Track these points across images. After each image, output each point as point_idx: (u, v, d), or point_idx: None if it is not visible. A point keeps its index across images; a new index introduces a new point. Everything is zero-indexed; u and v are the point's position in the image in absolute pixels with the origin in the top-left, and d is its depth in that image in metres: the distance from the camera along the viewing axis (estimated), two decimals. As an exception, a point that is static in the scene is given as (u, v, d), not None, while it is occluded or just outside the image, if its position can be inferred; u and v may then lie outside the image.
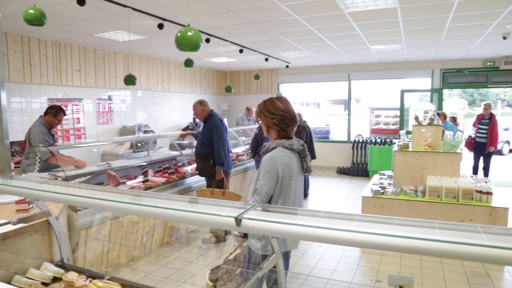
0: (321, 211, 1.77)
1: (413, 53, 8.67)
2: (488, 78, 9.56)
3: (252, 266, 2.29)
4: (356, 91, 16.54)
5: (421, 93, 11.14)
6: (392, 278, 1.61)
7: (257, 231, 1.68)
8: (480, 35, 6.63)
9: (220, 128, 5.06)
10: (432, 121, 5.22)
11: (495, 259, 1.48)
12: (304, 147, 2.48)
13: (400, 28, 6.11)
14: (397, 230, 1.58)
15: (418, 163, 5.12)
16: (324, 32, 6.42)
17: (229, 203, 1.76)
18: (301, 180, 2.56)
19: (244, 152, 7.53)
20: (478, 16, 5.41)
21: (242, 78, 12.24)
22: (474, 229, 1.60)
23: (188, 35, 3.95)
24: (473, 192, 4.58)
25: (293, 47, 7.86)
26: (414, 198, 4.82)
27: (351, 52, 8.50)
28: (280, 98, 2.49)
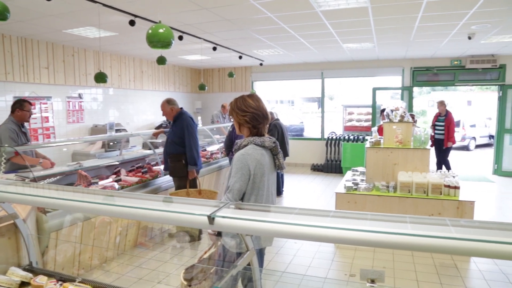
0: (296, 208, 1.78)
1: (384, 51, 8.86)
2: (455, 77, 9.89)
3: (226, 264, 2.29)
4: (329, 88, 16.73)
5: (392, 90, 11.39)
6: (364, 272, 1.64)
7: (231, 229, 1.68)
8: (447, 35, 6.83)
9: (192, 126, 4.97)
10: (403, 118, 5.35)
11: (463, 251, 1.53)
12: (276, 144, 2.50)
13: (372, 27, 6.23)
14: (370, 226, 1.61)
15: (389, 159, 5.24)
16: (298, 30, 6.46)
17: (202, 202, 1.75)
18: (273, 177, 2.58)
19: (218, 150, 7.50)
20: (445, 17, 5.58)
21: (216, 76, 12.18)
22: (443, 223, 1.65)
23: (160, 32, 3.89)
24: (441, 186, 4.73)
25: (267, 45, 7.88)
26: (386, 194, 4.94)
27: (324, 50, 8.60)
28: (252, 96, 2.49)
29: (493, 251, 1.47)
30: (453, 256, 4.51)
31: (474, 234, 1.52)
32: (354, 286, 1.67)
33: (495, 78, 9.66)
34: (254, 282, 1.96)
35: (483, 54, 9.33)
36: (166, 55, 7.07)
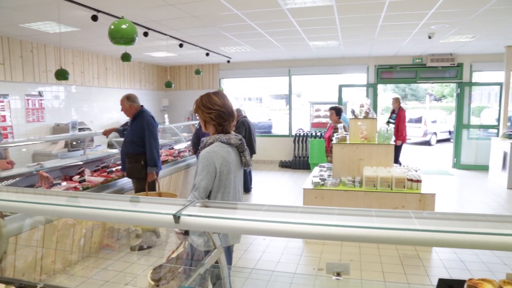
0: (265, 205, 1.79)
1: (350, 49, 9.04)
2: (417, 74, 10.23)
3: (195, 263, 2.27)
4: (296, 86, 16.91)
5: (358, 88, 11.65)
6: (330, 266, 1.67)
7: (197, 228, 1.67)
8: (409, 34, 7.06)
9: (152, 125, 4.74)
10: (367, 115, 5.48)
11: (426, 242, 1.59)
12: (242, 142, 2.50)
13: (337, 26, 6.34)
14: (338, 220, 1.63)
15: (355, 155, 5.36)
16: (264, 27, 6.48)
17: (168, 201, 1.72)
18: (240, 174, 2.58)
19: (186, 148, 7.42)
20: (406, 16, 5.76)
21: (183, 73, 12.03)
22: (407, 215, 1.69)
23: (122, 28, 3.80)
24: (404, 180, 4.88)
25: (234, 42, 7.86)
26: (352, 188, 5.05)
27: (291, 47, 8.67)
28: (217, 93, 2.48)
29: (453, 241, 1.53)
30: (416, 247, 4.68)
31: (436, 226, 1.58)
32: (321, 280, 1.70)
33: (454, 76, 10.09)
34: (223, 279, 1.95)
35: (442, 53, 9.71)
36: (131, 51, 6.90)
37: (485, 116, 13.99)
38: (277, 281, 2.95)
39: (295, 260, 4.42)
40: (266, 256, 4.53)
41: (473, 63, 9.93)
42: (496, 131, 9.74)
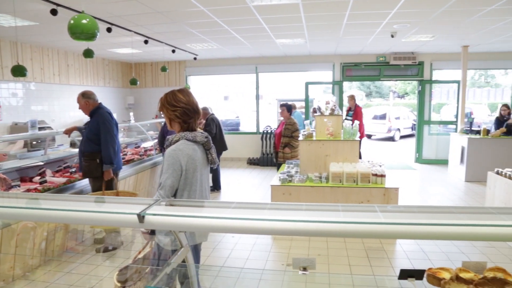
0: (233, 202, 1.78)
1: (316, 47, 9.15)
2: (380, 72, 10.52)
3: (162, 263, 2.23)
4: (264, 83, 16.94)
5: (324, 85, 11.84)
6: (296, 261, 1.69)
7: (163, 227, 1.64)
8: (372, 32, 7.23)
9: (108, 122, 4.58)
10: (333, 112, 5.57)
11: (390, 234, 1.63)
12: (208, 139, 2.49)
13: (303, 23, 6.40)
14: (306, 216, 1.65)
15: (321, 151, 5.44)
16: (231, 24, 6.45)
17: (132, 200, 1.68)
18: (206, 172, 2.57)
19: (152, 146, 7.29)
20: (370, 16, 5.89)
21: (148, 70, 11.79)
22: (372, 209, 1.73)
23: (83, 23, 3.66)
24: (369, 175, 5.01)
25: (200, 39, 7.77)
26: (319, 184, 5.12)
27: (258, 45, 8.68)
28: (182, 91, 2.45)
29: (416, 233, 1.58)
30: (381, 239, 4.82)
31: (399, 219, 1.62)
32: (290, 275, 1.72)
33: (415, 74, 10.44)
34: (190, 278, 1.93)
35: (404, 52, 10.02)
36: (94, 47, 6.69)
37: (445, 113, 14.59)
38: (246, 278, 2.95)
39: (264, 257, 4.44)
40: (235, 254, 4.53)
41: (433, 62, 10.32)
42: (454, 126, 10.18)
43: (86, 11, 4.11)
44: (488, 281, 1.65)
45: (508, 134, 8.19)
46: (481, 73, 24.76)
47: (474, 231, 1.57)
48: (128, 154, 6.54)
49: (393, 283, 1.79)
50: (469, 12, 5.65)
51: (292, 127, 6.74)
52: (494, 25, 6.57)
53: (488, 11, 5.56)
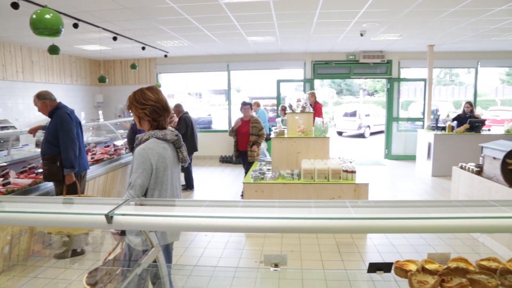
0: (206, 201, 1.77)
1: (287, 45, 9.21)
2: (351, 70, 10.70)
3: (133, 264, 2.19)
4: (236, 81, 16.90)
5: (296, 83, 11.94)
6: (268, 258, 1.70)
7: (132, 227, 1.61)
8: (342, 31, 7.34)
9: (67, 123, 4.30)
10: (304, 109, 5.63)
11: (361, 229, 1.67)
12: (179, 137, 2.47)
13: (274, 21, 6.42)
14: (279, 213, 1.66)
15: (293, 148, 5.49)
16: (202, 22, 6.39)
17: (101, 200, 1.64)
18: (177, 171, 2.55)
19: (123, 145, 7.14)
20: (339, 14, 5.98)
21: (118, 68, 11.52)
22: (344, 205, 1.76)
23: (46, 18, 3.53)
24: (340, 172, 5.10)
25: (171, 36, 7.67)
26: (291, 181, 5.17)
27: (229, 43, 8.65)
28: (151, 88, 2.42)
29: (386, 227, 1.62)
30: (352, 234, 4.91)
31: (370, 213, 1.66)
32: (263, 272, 1.73)
33: (384, 72, 10.69)
34: (162, 279, 1.91)
35: (373, 50, 10.24)
36: (60, 44, 6.47)
37: (412, 110, 15.02)
38: (219, 276, 2.94)
39: (237, 254, 4.44)
40: (208, 252, 4.51)
41: (401, 60, 10.60)
42: (422, 123, 10.50)
43: (49, 6, 3.96)
44: (452, 271, 1.72)
45: (471, 130, 8.53)
46: (446, 71, 25.64)
47: (440, 224, 1.63)
48: (97, 154, 6.37)
49: (364, 276, 1.83)
50: (434, 12, 5.83)
51: (259, 125, 6.62)
52: (458, 26, 6.81)
53: (451, 12, 5.75)
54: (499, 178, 4.38)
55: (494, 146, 4.63)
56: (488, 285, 1.59)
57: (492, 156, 4.60)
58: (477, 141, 5.92)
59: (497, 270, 1.70)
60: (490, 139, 6.93)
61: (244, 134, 6.60)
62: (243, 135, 6.61)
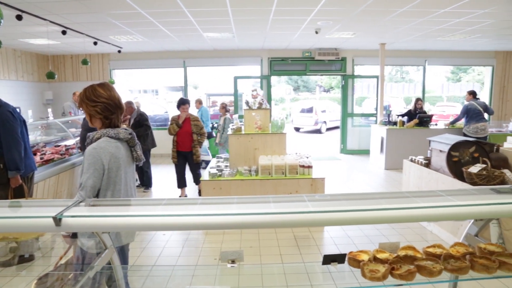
0: (164, 199, 1.74)
1: (244, 41, 9.21)
2: (306, 67, 10.89)
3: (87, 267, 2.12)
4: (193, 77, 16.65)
5: (254, 79, 11.97)
6: (224, 255, 1.70)
7: (83, 229, 1.55)
8: (298, 28, 7.45)
9: (9, 122, 3.98)
10: (261, 105, 5.67)
11: (319, 222, 1.70)
12: (132, 136, 2.39)
13: (230, 18, 6.40)
14: (238, 209, 1.66)
15: (250, 145, 5.52)
16: (156, 17, 6.25)
17: (49, 202, 1.57)
18: (131, 170, 2.47)
19: (74, 145, 6.85)
20: (295, 12, 6.06)
21: (68, 63, 11.01)
22: (301, 199, 1.80)
23: (-14, 9, 3.31)
24: (297, 167, 5.19)
25: (125, 31, 7.44)
26: (249, 177, 5.19)
27: (186, 38, 8.53)
28: (102, 85, 2.32)
29: (342, 219, 1.67)
30: (310, 227, 5.02)
31: (327, 207, 1.70)
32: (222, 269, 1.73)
33: (339, 69, 10.98)
34: (117, 281, 1.85)
35: (328, 48, 10.48)
36: (2, 37, 6.09)
37: (366, 106, 15.53)
38: (178, 275, 2.91)
39: (196, 252, 4.41)
40: (167, 252, 4.44)
41: (355, 58, 10.92)
42: (375, 118, 10.89)
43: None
44: (401, 259, 1.81)
45: (420, 125, 8.97)
46: (397, 69, 26.73)
47: (392, 214, 1.70)
48: (47, 154, 6.07)
49: (321, 268, 1.87)
50: (385, 12, 6.05)
51: (199, 124, 6.32)
52: (406, 26, 7.12)
53: (400, 12, 6.00)
54: (445, 169, 4.64)
55: (440, 139, 4.90)
56: (433, 270, 1.69)
57: (438, 149, 4.86)
58: (425, 135, 6.23)
59: (441, 256, 1.81)
60: (437, 133, 7.33)
61: (185, 134, 6.23)
62: (183, 135, 6.24)
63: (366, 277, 1.71)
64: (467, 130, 8.25)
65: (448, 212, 1.71)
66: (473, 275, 1.76)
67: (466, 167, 4.32)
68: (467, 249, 1.91)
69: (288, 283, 1.83)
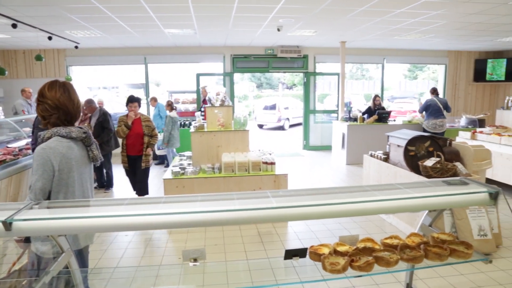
0: (126, 199, 1.71)
1: (206, 38, 9.13)
2: (269, 64, 10.95)
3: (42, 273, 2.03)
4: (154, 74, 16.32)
5: (217, 76, 11.91)
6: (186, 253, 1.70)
7: (37, 232, 1.49)
8: (260, 25, 7.47)
9: None
10: (224, 103, 5.65)
11: (283, 217, 1.73)
12: (87, 135, 2.28)
13: (191, 14, 6.32)
14: (202, 206, 1.65)
15: (213, 142, 5.50)
16: (115, 11, 6.06)
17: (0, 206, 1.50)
18: (87, 170, 2.36)
19: (28, 145, 6.54)
20: (257, 9, 6.07)
21: (20, 59, 10.47)
22: (265, 195, 1.81)
23: None
24: (260, 164, 5.23)
25: (81, 26, 7.16)
26: (212, 175, 5.17)
27: (146, 34, 8.34)
28: (55, 83, 2.21)
29: (305, 214, 1.71)
30: (274, 223, 5.07)
31: (290, 202, 1.73)
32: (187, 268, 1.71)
33: (301, 66, 11.12)
34: (76, 286, 1.79)
35: (290, 45, 10.58)
36: None
37: (328, 102, 15.85)
38: (141, 276, 2.85)
39: (160, 252, 4.35)
40: (129, 253, 4.34)
41: (316, 55, 11.11)
42: (336, 115, 11.13)
43: None
44: (360, 251, 1.88)
45: (379, 121, 9.27)
46: (357, 66, 27.45)
47: (353, 208, 1.75)
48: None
49: (285, 263, 1.90)
50: (344, 11, 6.19)
51: (151, 124, 5.71)
52: (365, 24, 7.32)
53: (359, 11, 6.16)
54: (403, 163, 4.82)
55: (397, 135, 5.08)
56: (390, 260, 1.77)
57: (396, 144, 5.04)
58: (384, 131, 6.43)
59: (398, 246, 1.89)
60: (396, 128, 7.60)
61: (135, 136, 5.56)
62: (133, 137, 5.56)
63: (327, 270, 1.75)
64: (426, 125, 8.67)
65: (404, 204, 1.78)
66: (428, 263, 1.84)
67: (422, 161, 4.51)
68: (421, 239, 2.01)
69: (253, 279, 1.84)
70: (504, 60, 11.24)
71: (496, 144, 6.60)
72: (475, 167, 4.70)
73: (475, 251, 1.89)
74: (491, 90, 12.14)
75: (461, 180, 2.00)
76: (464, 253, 1.82)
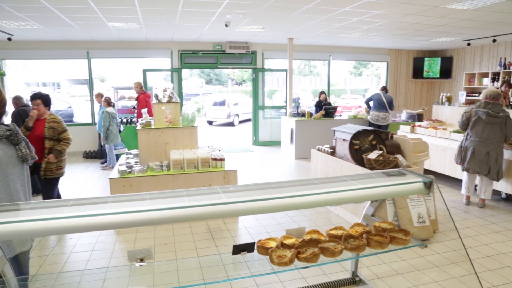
0: (71, 200, 1.64)
1: (152, 33, 8.90)
2: (218, 60, 10.89)
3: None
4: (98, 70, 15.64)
5: (165, 72, 11.64)
6: (131, 254, 1.66)
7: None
8: (208, 21, 7.40)
9: None
10: (171, 99, 5.55)
11: (233, 212, 1.74)
12: (13, 132, 2.15)
13: (137, 7, 6.12)
14: (151, 205, 1.62)
15: (161, 139, 5.39)
16: (52, 2, 5.72)
17: None
18: (16, 171, 2.20)
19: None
20: (204, 4, 6.01)
21: None
22: (215, 191, 1.82)
23: None
24: (209, 160, 5.21)
25: (14, 16, 6.68)
26: (160, 173, 5.08)
27: (88, 28, 7.96)
28: None
29: (256, 208, 1.73)
30: (224, 219, 5.08)
31: (240, 197, 1.75)
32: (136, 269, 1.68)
33: (249, 62, 11.18)
34: None
35: (239, 41, 10.60)
36: None
37: (276, 98, 16.07)
38: (88, 280, 2.76)
39: (108, 254, 4.20)
40: (74, 257, 4.15)
41: (265, 51, 11.21)
42: (285, 111, 11.32)
43: None
44: (306, 243, 1.94)
45: (326, 116, 9.57)
46: (305, 63, 28.01)
47: (301, 201, 1.80)
48: None
49: (236, 258, 1.92)
50: (291, 8, 6.29)
51: (59, 126, 4.79)
52: (311, 22, 7.49)
53: (306, 9, 6.29)
54: (348, 157, 5.01)
55: (343, 129, 5.27)
56: (335, 250, 1.84)
57: (342, 138, 5.23)
58: (331, 126, 6.65)
59: (342, 237, 1.98)
60: (342, 123, 7.87)
61: (35, 139, 4.57)
62: (33, 140, 4.40)
63: (274, 263, 1.79)
64: (370, 117, 9.36)
65: (347, 196, 1.86)
66: (371, 251, 1.94)
67: (365, 154, 4.72)
68: (364, 229, 2.12)
69: (204, 276, 1.84)
70: (439, 58, 12.07)
71: (432, 137, 7.06)
72: (414, 159, 4.99)
73: (412, 237, 2.02)
74: (428, 86, 12.94)
75: (400, 171, 2.13)
76: (402, 239, 1.94)
